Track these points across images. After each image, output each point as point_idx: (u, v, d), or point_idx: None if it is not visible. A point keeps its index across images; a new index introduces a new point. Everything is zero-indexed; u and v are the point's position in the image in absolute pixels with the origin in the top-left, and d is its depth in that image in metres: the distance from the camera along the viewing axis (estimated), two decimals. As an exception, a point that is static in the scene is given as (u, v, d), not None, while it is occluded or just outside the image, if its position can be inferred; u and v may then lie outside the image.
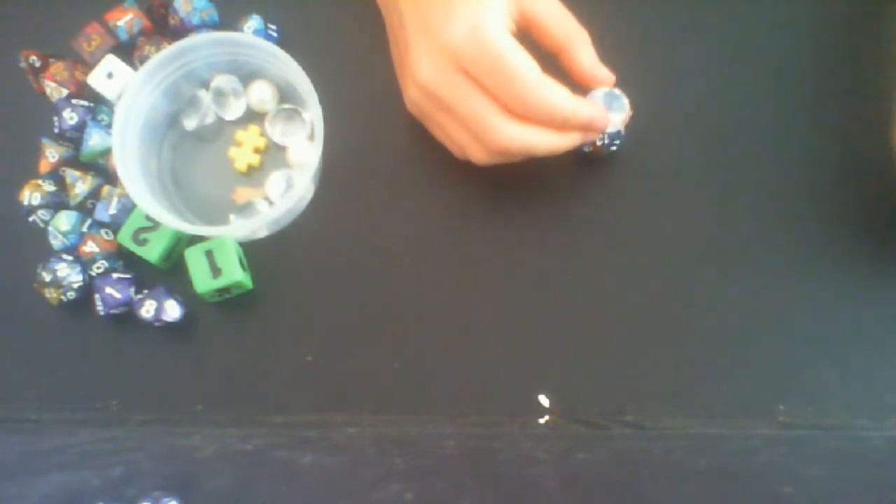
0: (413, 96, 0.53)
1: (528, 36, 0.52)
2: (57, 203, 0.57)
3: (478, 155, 0.53)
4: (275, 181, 0.58)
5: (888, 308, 0.57)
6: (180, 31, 0.59)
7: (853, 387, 0.56)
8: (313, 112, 0.54)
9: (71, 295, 0.55)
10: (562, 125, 0.51)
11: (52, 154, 0.57)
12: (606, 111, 0.53)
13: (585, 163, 0.58)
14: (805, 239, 0.58)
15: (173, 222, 0.53)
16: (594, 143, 0.55)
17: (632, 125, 0.56)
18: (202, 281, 0.54)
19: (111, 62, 0.57)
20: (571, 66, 0.53)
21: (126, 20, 0.58)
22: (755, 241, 0.58)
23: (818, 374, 0.56)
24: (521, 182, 0.58)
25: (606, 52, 0.54)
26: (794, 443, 0.55)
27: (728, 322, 0.57)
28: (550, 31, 0.52)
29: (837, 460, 0.54)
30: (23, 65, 0.59)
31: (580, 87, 0.53)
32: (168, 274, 0.57)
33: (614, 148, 0.56)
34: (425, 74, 0.51)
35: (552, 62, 0.52)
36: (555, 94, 0.50)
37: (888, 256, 0.58)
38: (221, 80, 0.58)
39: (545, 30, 0.52)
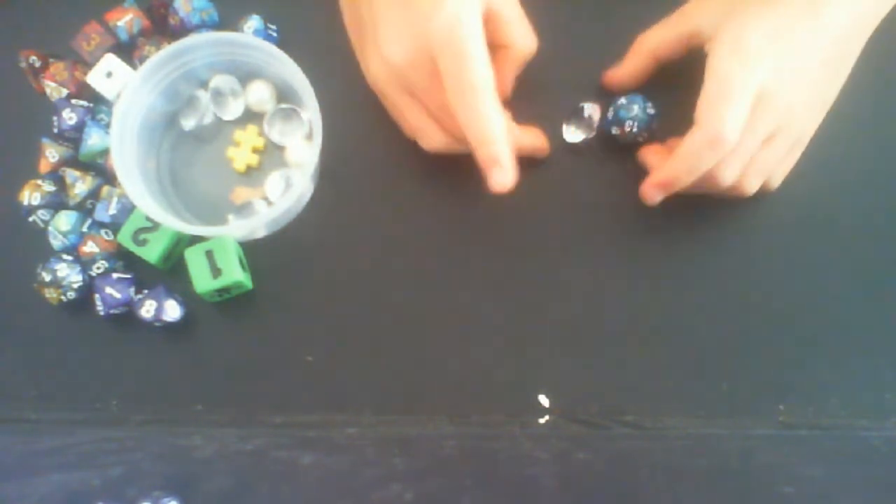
0: (377, 73, 0.53)
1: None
2: (57, 203, 0.57)
3: (430, 142, 0.54)
4: (273, 181, 0.58)
5: (888, 308, 0.57)
6: (180, 31, 0.59)
7: (853, 387, 0.56)
8: (311, 112, 0.54)
9: (71, 295, 0.55)
10: (473, 145, 0.50)
11: (52, 154, 0.57)
12: (545, 141, 0.55)
13: (585, 164, 0.58)
14: (804, 238, 0.58)
15: (171, 222, 0.53)
16: (622, 128, 0.56)
17: (634, 121, 0.56)
18: (202, 281, 0.54)
19: (110, 61, 0.57)
20: (496, 67, 0.51)
21: (126, 20, 0.58)
22: (756, 240, 0.58)
23: (818, 374, 0.56)
24: (520, 181, 0.58)
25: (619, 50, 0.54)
26: (794, 443, 0.55)
27: (728, 322, 0.56)
28: (503, 30, 0.52)
29: (837, 460, 0.54)
30: (23, 65, 0.59)
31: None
32: (168, 274, 0.57)
33: (641, 140, 0.57)
34: (398, 55, 0.50)
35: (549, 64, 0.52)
36: (488, 117, 0.49)
37: (888, 256, 0.57)
38: (220, 80, 0.58)
39: (499, 27, 0.52)
